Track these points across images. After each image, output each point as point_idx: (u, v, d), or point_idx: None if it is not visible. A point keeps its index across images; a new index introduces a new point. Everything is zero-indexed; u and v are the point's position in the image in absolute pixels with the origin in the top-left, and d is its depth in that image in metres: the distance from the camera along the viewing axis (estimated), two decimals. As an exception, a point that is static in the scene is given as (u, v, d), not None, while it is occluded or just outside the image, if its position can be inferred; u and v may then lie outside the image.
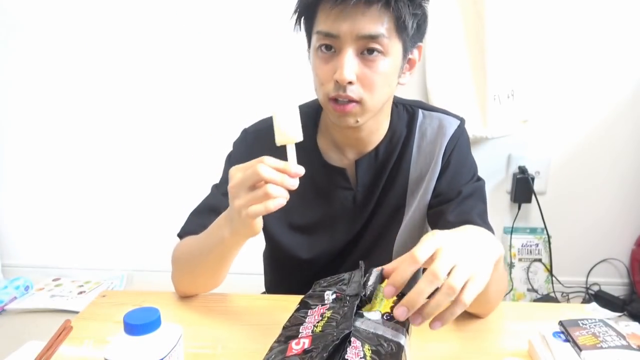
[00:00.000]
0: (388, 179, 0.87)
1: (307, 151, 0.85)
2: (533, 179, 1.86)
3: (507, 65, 1.71)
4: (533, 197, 1.87)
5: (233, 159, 0.89)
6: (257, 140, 0.88)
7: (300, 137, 0.65)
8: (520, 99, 1.73)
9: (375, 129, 0.84)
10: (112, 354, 0.50)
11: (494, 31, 1.67)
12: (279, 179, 0.60)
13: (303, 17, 0.76)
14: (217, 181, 0.90)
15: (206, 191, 0.90)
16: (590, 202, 1.92)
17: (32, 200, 2.13)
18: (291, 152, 0.64)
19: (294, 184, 0.61)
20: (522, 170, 1.87)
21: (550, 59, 1.78)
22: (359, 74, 0.71)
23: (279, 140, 0.65)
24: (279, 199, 0.60)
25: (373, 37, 0.69)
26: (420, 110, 0.88)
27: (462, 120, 0.89)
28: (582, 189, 1.90)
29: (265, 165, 0.60)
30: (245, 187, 0.61)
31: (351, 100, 0.72)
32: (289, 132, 0.64)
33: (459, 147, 0.86)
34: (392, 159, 0.86)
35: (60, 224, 2.15)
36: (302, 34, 0.80)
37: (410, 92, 1.82)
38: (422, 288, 0.50)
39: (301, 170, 0.61)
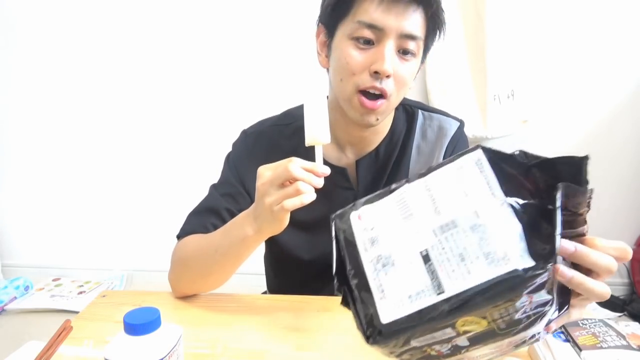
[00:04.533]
0: (388, 180, 0.87)
1: (308, 150, 0.86)
2: (533, 179, 1.85)
3: (507, 65, 1.71)
4: (533, 197, 1.87)
5: (232, 160, 0.89)
6: (257, 142, 0.89)
7: (328, 140, 0.69)
8: (520, 99, 1.73)
9: (380, 128, 0.85)
10: (112, 354, 0.50)
11: (494, 31, 1.67)
12: (308, 178, 0.63)
13: (338, 5, 0.74)
14: (216, 182, 0.90)
15: (206, 191, 0.90)
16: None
17: (32, 200, 2.14)
18: (319, 153, 0.68)
19: (320, 183, 0.64)
20: (522, 170, 1.87)
21: (550, 59, 1.78)
22: (395, 70, 0.72)
23: (308, 142, 0.69)
24: (311, 194, 0.63)
25: (413, 38, 0.71)
26: (419, 111, 0.89)
27: (461, 122, 0.89)
28: (582, 189, 1.90)
29: (295, 164, 0.63)
30: (275, 184, 0.64)
31: (381, 96, 0.73)
32: (317, 135, 0.69)
33: (459, 148, 0.87)
34: (392, 159, 0.87)
35: (60, 224, 2.15)
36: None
37: (410, 92, 1.82)
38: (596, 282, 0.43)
39: (327, 171, 0.65)
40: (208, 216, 0.84)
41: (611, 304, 1.86)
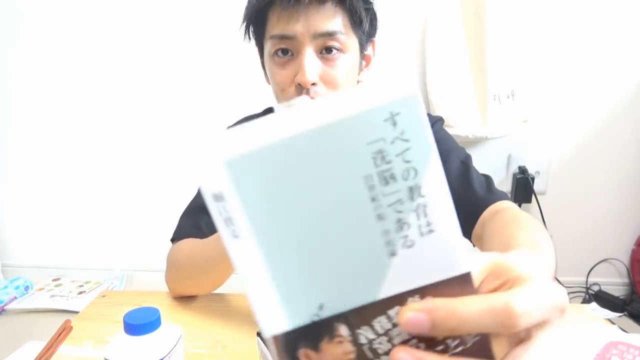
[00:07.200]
0: None
1: None
2: (533, 179, 1.86)
3: (507, 65, 1.70)
4: (533, 197, 1.87)
5: None
6: None
7: None
8: (520, 99, 1.73)
9: None
10: (112, 354, 0.50)
11: (494, 31, 1.67)
12: None
13: (253, 26, 0.74)
14: None
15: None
16: (590, 202, 1.92)
17: (31, 201, 2.13)
18: None
19: None
20: (522, 170, 1.87)
21: (550, 59, 1.78)
22: (321, 74, 0.70)
23: None
24: None
25: (330, 34, 0.68)
26: None
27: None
28: (582, 189, 1.90)
29: None
30: None
31: None
32: None
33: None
34: None
35: (60, 224, 2.15)
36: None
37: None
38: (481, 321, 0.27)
39: None
40: (199, 215, 0.84)
41: (611, 304, 1.86)
